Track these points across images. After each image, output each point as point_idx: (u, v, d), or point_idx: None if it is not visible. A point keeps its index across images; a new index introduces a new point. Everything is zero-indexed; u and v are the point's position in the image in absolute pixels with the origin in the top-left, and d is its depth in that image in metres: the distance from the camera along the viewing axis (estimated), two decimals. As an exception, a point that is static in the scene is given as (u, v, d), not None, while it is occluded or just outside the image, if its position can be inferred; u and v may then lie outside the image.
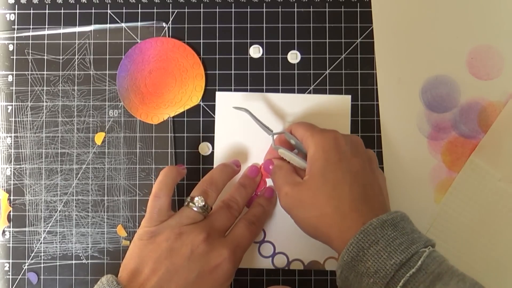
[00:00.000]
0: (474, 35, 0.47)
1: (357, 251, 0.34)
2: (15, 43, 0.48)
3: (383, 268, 0.33)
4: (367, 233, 0.35)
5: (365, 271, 0.34)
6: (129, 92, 0.47)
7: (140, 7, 0.48)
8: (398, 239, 0.34)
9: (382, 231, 0.35)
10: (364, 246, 0.34)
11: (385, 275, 0.33)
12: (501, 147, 0.46)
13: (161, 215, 0.40)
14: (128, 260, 0.39)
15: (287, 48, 0.47)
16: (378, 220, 0.35)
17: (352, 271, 0.35)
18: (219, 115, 0.47)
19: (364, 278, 0.34)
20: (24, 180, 0.47)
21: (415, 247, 0.34)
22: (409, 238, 0.35)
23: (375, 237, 0.34)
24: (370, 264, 0.34)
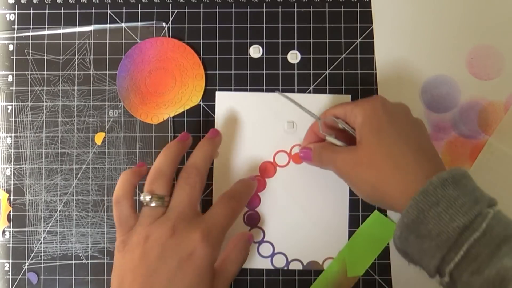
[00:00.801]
0: (474, 35, 0.47)
1: (417, 213, 0.33)
2: (15, 43, 0.48)
3: (445, 231, 0.32)
4: (427, 193, 0.33)
5: (427, 233, 0.32)
6: (129, 92, 0.47)
7: (140, 7, 0.48)
8: (460, 198, 0.32)
9: (442, 190, 0.33)
10: (424, 208, 0.33)
11: (447, 238, 0.32)
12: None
13: (127, 221, 0.39)
14: (112, 276, 0.38)
15: (287, 48, 0.47)
16: (438, 178, 0.33)
17: (413, 233, 0.33)
18: (219, 115, 0.47)
19: (425, 241, 0.33)
20: (24, 180, 0.47)
21: (478, 207, 0.32)
22: (471, 198, 0.32)
23: (435, 197, 0.32)
24: (432, 227, 0.32)
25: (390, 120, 0.38)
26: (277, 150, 0.47)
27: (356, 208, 0.46)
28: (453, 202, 0.32)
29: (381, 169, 0.36)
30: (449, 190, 0.33)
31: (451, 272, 0.32)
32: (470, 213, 0.32)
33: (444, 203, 0.32)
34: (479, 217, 0.32)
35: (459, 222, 0.32)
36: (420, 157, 0.36)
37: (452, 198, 0.32)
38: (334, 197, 0.46)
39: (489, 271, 0.30)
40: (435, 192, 0.33)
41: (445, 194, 0.33)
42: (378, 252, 0.45)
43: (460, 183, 0.33)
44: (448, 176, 0.33)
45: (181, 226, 0.38)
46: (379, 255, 0.46)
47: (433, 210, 0.32)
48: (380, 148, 0.37)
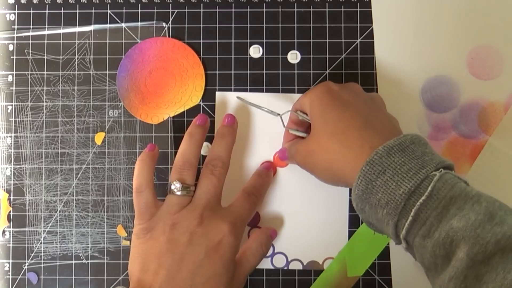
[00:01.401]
0: (474, 35, 0.47)
1: (366, 183, 0.33)
2: (15, 43, 0.48)
3: (393, 198, 0.32)
4: (373, 163, 0.33)
5: (377, 202, 0.33)
6: (129, 92, 0.47)
7: (140, 7, 0.48)
8: (406, 165, 0.32)
9: (388, 158, 0.33)
10: (372, 178, 0.33)
11: (396, 205, 0.32)
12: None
13: (149, 209, 0.40)
14: (132, 262, 0.39)
15: (287, 48, 0.47)
16: (384, 148, 0.33)
17: (366, 203, 0.34)
18: (219, 115, 0.47)
19: (378, 210, 0.33)
20: (24, 180, 0.47)
21: (424, 171, 0.32)
22: (418, 163, 0.32)
23: (381, 166, 0.33)
24: (381, 196, 0.32)
25: (333, 101, 0.38)
26: (277, 150, 0.47)
27: (356, 208, 0.46)
28: (399, 169, 0.32)
29: (329, 150, 0.37)
30: (395, 157, 0.33)
31: (404, 237, 0.32)
32: (416, 178, 0.32)
33: (390, 170, 0.32)
34: (425, 181, 0.32)
35: (405, 188, 0.31)
36: (365, 131, 0.36)
37: (398, 164, 0.32)
38: (334, 197, 0.46)
39: (438, 234, 0.30)
40: (381, 161, 0.33)
41: (391, 161, 0.32)
42: (378, 252, 0.45)
43: (407, 149, 0.33)
44: (395, 143, 0.33)
45: (208, 216, 0.39)
46: (379, 255, 0.46)
47: (380, 179, 0.32)
48: (325, 130, 0.37)
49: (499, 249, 0.28)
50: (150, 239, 0.39)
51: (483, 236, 0.29)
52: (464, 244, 0.29)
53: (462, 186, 0.32)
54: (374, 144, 0.34)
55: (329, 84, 0.40)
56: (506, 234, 0.29)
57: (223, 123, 0.44)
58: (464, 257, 0.29)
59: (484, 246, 0.29)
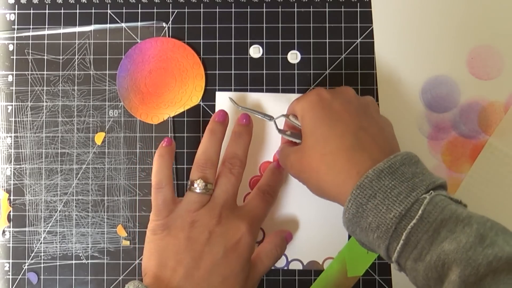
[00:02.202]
0: (474, 35, 0.47)
1: (356, 207, 0.33)
2: (15, 43, 0.48)
3: (384, 222, 0.32)
4: (364, 187, 0.33)
5: (367, 226, 0.33)
6: (129, 92, 0.47)
7: (140, 7, 0.48)
8: (396, 188, 0.32)
9: (379, 182, 0.33)
10: (362, 202, 0.33)
11: (386, 229, 0.32)
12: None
13: (167, 206, 0.40)
14: (147, 258, 0.39)
15: (287, 48, 0.47)
16: (374, 171, 0.33)
17: (357, 227, 0.34)
18: (219, 115, 0.47)
19: (368, 233, 0.33)
20: (24, 180, 0.47)
21: (414, 194, 0.32)
22: (409, 185, 0.32)
23: (371, 190, 0.33)
24: (371, 220, 0.32)
25: (325, 114, 0.37)
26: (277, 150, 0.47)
27: (356, 208, 0.46)
28: (389, 193, 0.32)
29: (319, 171, 0.36)
30: (385, 181, 0.33)
31: (396, 260, 0.33)
32: (406, 201, 0.32)
33: (380, 194, 0.32)
34: (416, 204, 0.32)
35: (396, 212, 0.32)
36: (353, 153, 0.35)
37: (388, 188, 0.32)
38: (334, 197, 0.46)
39: (430, 257, 0.31)
40: (371, 185, 0.33)
41: (381, 185, 0.33)
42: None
43: (397, 172, 0.33)
44: (384, 166, 0.33)
45: (227, 215, 0.39)
46: (379, 255, 0.46)
47: (371, 202, 0.32)
48: (316, 148, 0.37)
49: (491, 271, 0.29)
50: (168, 235, 0.39)
51: (475, 259, 0.29)
52: (456, 267, 0.29)
53: (453, 208, 0.32)
54: (362, 168, 0.34)
55: (321, 93, 0.39)
56: (497, 256, 0.29)
57: (239, 122, 0.43)
58: (456, 280, 0.29)
59: (476, 268, 0.29)
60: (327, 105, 0.38)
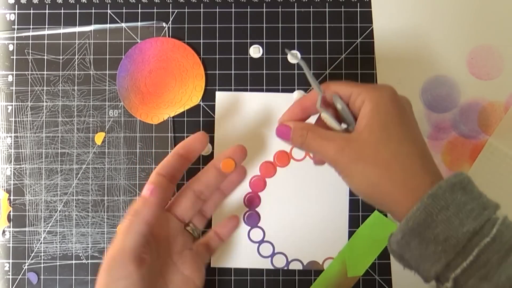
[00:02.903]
0: (474, 35, 0.47)
1: (425, 216, 0.32)
2: (15, 43, 0.48)
3: (455, 236, 0.31)
4: (437, 197, 0.32)
5: (433, 238, 0.31)
6: (129, 92, 0.47)
7: (140, 7, 0.48)
8: (469, 204, 0.32)
9: (452, 195, 0.32)
10: (433, 211, 0.31)
11: (456, 243, 0.31)
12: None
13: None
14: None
15: (287, 48, 0.47)
16: (448, 183, 0.32)
17: (417, 237, 0.32)
18: (219, 115, 0.47)
19: (430, 245, 0.32)
20: (24, 180, 0.47)
21: (487, 213, 0.31)
22: (479, 203, 0.32)
23: (445, 201, 0.31)
24: (439, 231, 0.31)
25: (400, 116, 0.35)
26: (277, 150, 0.47)
27: (356, 208, 0.46)
28: (463, 207, 0.32)
29: (388, 168, 0.34)
30: (457, 194, 0.32)
31: (456, 277, 0.31)
32: (480, 218, 0.31)
33: (454, 207, 0.32)
34: (488, 223, 0.31)
35: (469, 227, 0.31)
36: (426, 161, 0.34)
37: (461, 203, 0.32)
38: (334, 197, 0.46)
39: (498, 277, 0.30)
40: (444, 196, 0.32)
41: (454, 198, 0.32)
42: (378, 252, 0.45)
43: (467, 187, 0.33)
44: (457, 180, 0.32)
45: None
46: (379, 255, 0.46)
47: (442, 214, 0.31)
48: (388, 145, 0.34)
49: None
50: None
51: None
52: None
53: None
54: (434, 178, 0.33)
55: (394, 92, 0.36)
56: None
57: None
58: None
59: None
60: (402, 108, 0.36)
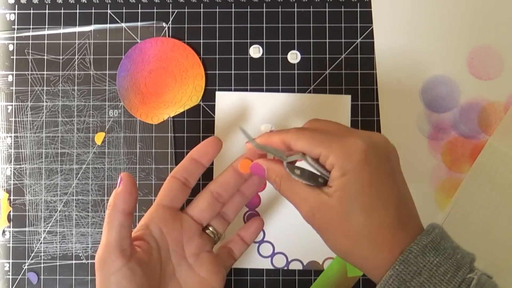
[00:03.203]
0: (474, 35, 0.47)
1: (398, 283, 0.31)
2: (15, 43, 0.48)
3: None
4: (408, 263, 0.31)
5: None
6: (129, 92, 0.47)
7: (140, 7, 0.48)
8: (442, 266, 0.31)
9: (423, 258, 0.31)
10: (406, 279, 0.31)
11: None
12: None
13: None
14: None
15: (287, 48, 0.47)
16: (418, 246, 0.32)
17: None
18: (219, 115, 0.47)
19: None
20: (24, 180, 0.47)
21: (461, 273, 0.31)
22: (453, 263, 0.32)
23: (417, 267, 0.31)
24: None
25: (372, 181, 0.33)
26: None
27: (356, 208, 0.46)
28: (436, 271, 0.31)
29: (356, 242, 0.33)
30: (430, 257, 0.32)
31: None
32: (454, 281, 0.31)
33: (426, 272, 0.31)
34: (463, 284, 0.31)
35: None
36: (396, 230, 0.33)
37: (433, 266, 0.31)
38: (334, 197, 0.46)
39: None
40: (416, 261, 0.31)
41: (426, 262, 0.31)
42: (378, 252, 0.45)
43: (439, 246, 0.32)
44: (427, 242, 0.32)
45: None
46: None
47: (415, 280, 0.31)
48: (357, 218, 0.33)
49: None
50: None
51: None
52: None
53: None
54: (403, 246, 0.32)
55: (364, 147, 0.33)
56: None
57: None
58: None
59: None
60: (374, 169, 0.33)
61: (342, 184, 0.33)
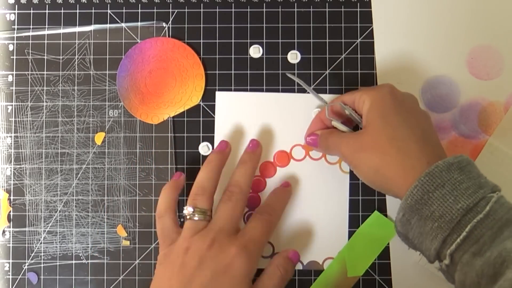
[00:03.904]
0: (474, 35, 0.47)
1: (422, 193, 0.33)
2: (15, 43, 0.48)
3: (449, 212, 0.32)
4: (433, 175, 0.33)
5: (430, 214, 0.33)
6: (129, 92, 0.47)
7: (140, 7, 0.48)
8: (465, 182, 0.33)
9: (448, 174, 0.33)
10: (430, 189, 0.33)
11: (450, 219, 0.32)
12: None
13: (170, 235, 0.41)
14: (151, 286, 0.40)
15: (287, 48, 0.47)
16: (444, 163, 0.34)
17: (416, 214, 0.34)
18: (219, 115, 0.47)
19: (428, 222, 0.33)
20: (24, 180, 0.47)
21: (482, 191, 0.33)
22: (476, 182, 0.33)
23: (441, 179, 0.33)
24: (435, 208, 0.33)
25: (396, 106, 0.38)
26: (277, 150, 0.47)
27: (356, 208, 0.46)
28: (458, 185, 0.33)
29: (385, 153, 0.37)
30: (454, 174, 0.33)
31: (452, 253, 0.33)
32: (474, 196, 0.33)
33: (449, 185, 0.33)
34: (483, 201, 0.33)
35: (463, 204, 0.32)
36: (423, 144, 0.36)
37: (457, 181, 0.33)
38: (334, 197, 0.46)
39: (490, 253, 0.31)
40: (441, 175, 0.33)
41: (450, 177, 0.33)
42: (378, 252, 0.45)
43: (465, 168, 0.34)
44: (454, 161, 0.34)
45: (221, 240, 0.39)
46: (379, 255, 0.46)
47: (438, 191, 0.33)
48: (384, 132, 0.37)
49: None
50: (169, 263, 0.39)
51: None
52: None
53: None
54: (432, 159, 0.35)
55: (392, 87, 0.40)
56: None
57: (246, 149, 0.45)
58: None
59: None
60: (399, 100, 0.39)
61: (372, 109, 0.38)
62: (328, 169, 0.46)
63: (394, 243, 0.46)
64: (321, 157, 0.46)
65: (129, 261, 0.46)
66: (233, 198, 0.41)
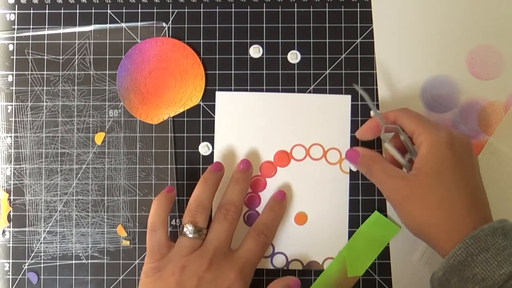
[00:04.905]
0: (474, 35, 0.47)
1: (465, 256, 0.34)
2: (15, 43, 0.48)
3: (492, 276, 0.33)
4: (478, 239, 0.34)
5: (471, 277, 0.34)
6: (129, 92, 0.47)
7: (140, 7, 0.48)
8: (508, 249, 0.34)
9: (493, 238, 0.34)
10: (474, 252, 0.34)
11: (492, 284, 0.33)
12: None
13: (160, 249, 0.41)
14: None
15: (287, 48, 0.47)
16: (490, 227, 0.35)
17: (456, 275, 0.35)
18: (219, 115, 0.47)
19: (468, 284, 0.34)
20: (24, 180, 0.47)
21: None
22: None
23: (485, 244, 0.34)
24: (478, 271, 0.34)
25: (453, 162, 0.38)
26: (277, 150, 0.47)
27: (356, 208, 0.46)
28: (502, 251, 0.34)
29: (433, 214, 0.37)
30: (498, 239, 0.34)
31: None
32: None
33: (493, 250, 0.34)
34: None
35: (506, 270, 0.33)
36: (471, 207, 0.36)
37: (501, 246, 0.34)
38: (334, 197, 0.46)
39: None
40: (486, 239, 0.34)
41: (495, 242, 0.34)
42: (378, 252, 0.45)
43: (508, 234, 0.35)
44: (499, 226, 0.35)
45: (218, 261, 0.39)
46: (379, 255, 0.46)
47: (482, 255, 0.34)
48: (437, 190, 0.37)
49: None
50: (159, 279, 0.39)
51: None
52: None
53: None
54: (476, 223, 0.35)
55: (452, 136, 0.38)
56: None
57: (238, 168, 0.45)
58: None
59: None
60: (457, 153, 0.38)
61: (427, 160, 0.38)
62: (328, 169, 0.46)
63: (394, 243, 0.46)
64: (321, 157, 0.46)
65: (129, 261, 0.46)
66: (229, 217, 0.41)
